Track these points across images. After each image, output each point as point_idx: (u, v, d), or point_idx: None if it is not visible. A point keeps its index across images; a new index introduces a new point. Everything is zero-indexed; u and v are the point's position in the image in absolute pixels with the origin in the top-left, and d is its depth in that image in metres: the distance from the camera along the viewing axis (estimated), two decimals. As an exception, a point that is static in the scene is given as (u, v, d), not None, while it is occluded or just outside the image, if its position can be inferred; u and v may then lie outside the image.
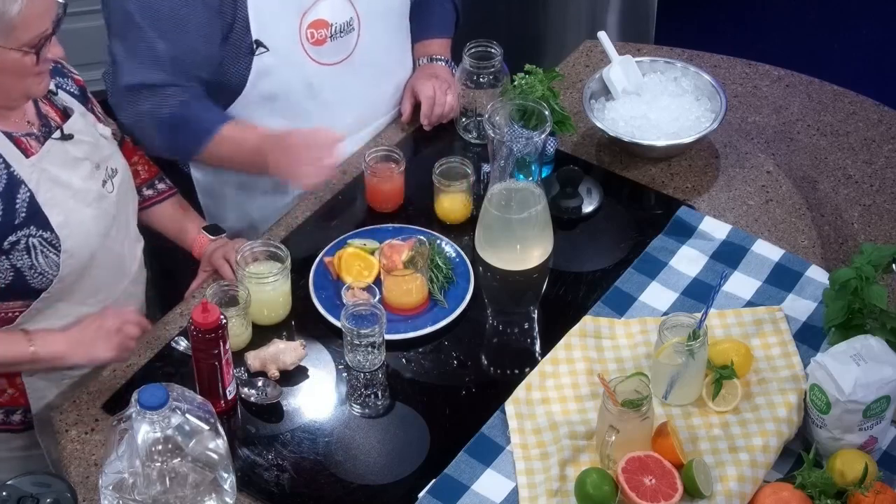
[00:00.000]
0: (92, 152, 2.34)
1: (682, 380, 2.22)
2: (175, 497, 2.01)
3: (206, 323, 2.19)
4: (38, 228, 2.22)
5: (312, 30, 2.59)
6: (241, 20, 2.53)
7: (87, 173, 2.32)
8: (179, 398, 2.01)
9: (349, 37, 2.64)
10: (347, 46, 2.65)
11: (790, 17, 4.81)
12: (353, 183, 2.72)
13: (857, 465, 2.09)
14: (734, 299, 2.45)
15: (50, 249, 2.24)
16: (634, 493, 2.06)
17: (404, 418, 2.29)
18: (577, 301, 2.48)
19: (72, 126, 2.32)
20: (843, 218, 2.75)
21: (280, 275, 2.39)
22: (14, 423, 2.45)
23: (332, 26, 2.61)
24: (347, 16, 2.62)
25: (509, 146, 2.22)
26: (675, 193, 2.69)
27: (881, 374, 2.12)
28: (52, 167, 2.26)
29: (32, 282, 2.26)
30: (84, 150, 2.32)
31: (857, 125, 2.97)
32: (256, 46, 2.55)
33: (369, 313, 2.33)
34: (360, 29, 2.65)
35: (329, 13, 2.60)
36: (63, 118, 2.33)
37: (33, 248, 2.23)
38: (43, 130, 2.28)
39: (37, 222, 2.22)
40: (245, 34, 2.54)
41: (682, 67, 2.87)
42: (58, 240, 2.25)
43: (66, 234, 2.26)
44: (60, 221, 2.25)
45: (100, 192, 2.33)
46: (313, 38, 2.60)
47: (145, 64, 2.51)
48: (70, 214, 2.27)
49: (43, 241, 2.23)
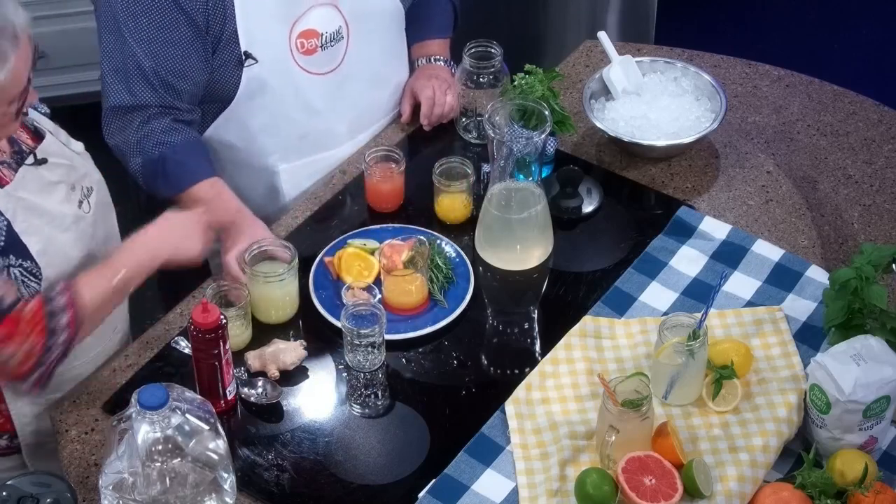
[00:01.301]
0: (67, 174, 2.29)
1: (682, 380, 2.22)
2: (175, 497, 2.01)
3: (206, 323, 2.19)
4: (17, 258, 2.18)
5: (303, 40, 2.58)
6: (229, 33, 2.52)
7: (63, 196, 2.27)
8: (179, 398, 2.01)
9: (338, 45, 2.64)
10: (337, 55, 2.65)
11: (790, 17, 4.81)
12: (353, 183, 2.72)
13: (857, 465, 2.09)
14: (734, 299, 2.45)
15: (31, 279, 2.20)
16: (634, 493, 2.06)
17: (404, 418, 2.29)
18: (577, 301, 2.48)
19: (45, 149, 2.27)
20: (843, 218, 2.75)
21: (287, 274, 2.39)
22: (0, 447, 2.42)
23: (322, 35, 2.60)
24: (336, 25, 2.62)
25: (509, 146, 2.22)
26: (675, 193, 2.69)
27: (881, 374, 2.12)
28: (28, 195, 2.21)
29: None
30: (59, 174, 2.28)
31: (857, 125, 2.97)
32: (245, 58, 2.55)
33: (369, 313, 2.33)
34: (348, 37, 2.65)
35: (318, 23, 2.59)
36: (34, 139, 2.28)
37: (14, 278, 2.18)
38: (15, 157, 2.23)
39: (16, 252, 2.18)
40: (234, 47, 2.53)
41: (682, 67, 2.87)
42: (38, 268, 2.20)
43: (46, 262, 2.21)
44: (39, 249, 2.20)
45: (76, 215, 2.29)
46: (303, 48, 2.59)
47: (134, 84, 2.50)
48: (48, 242, 2.22)
49: (24, 270, 2.19)
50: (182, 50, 2.49)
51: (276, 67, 2.58)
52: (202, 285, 2.53)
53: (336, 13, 2.61)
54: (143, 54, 2.48)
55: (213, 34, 2.51)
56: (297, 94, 2.63)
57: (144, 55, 2.48)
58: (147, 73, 2.49)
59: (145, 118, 2.52)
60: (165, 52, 2.49)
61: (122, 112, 2.53)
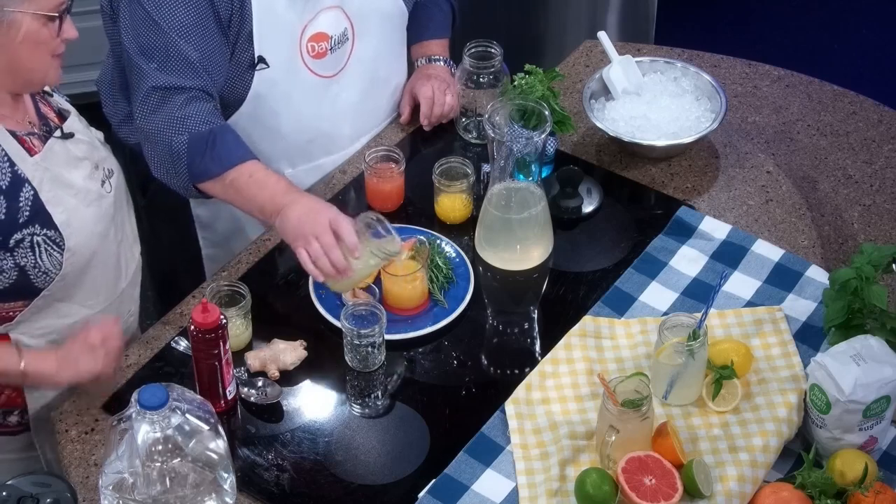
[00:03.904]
0: (90, 152, 2.35)
1: (682, 380, 2.22)
2: (175, 497, 2.01)
3: (206, 323, 2.19)
4: (41, 227, 2.23)
5: (313, 43, 2.58)
6: (245, 35, 2.51)
7: (88, 173, 2.32)
8: (179, 398, 2.01)
9: (344, 47, 2.64)
10: (342, 58, 2.65)
11: (790, 17, 4.81)
12: (353, 183, 2.72)
13: (857, 465, 2.09)
14: (734, 299, 2.45)
15: (54, 247, 2.25)
16: (634, 493, 2.06)
17: (404, 418, 2.30)
18: (577, 301, 2.48)
19: (71, 126, 2.33)
20: (843, 218, 2.75)
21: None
22: (11, 424, 2.44)
23: (331, 38, 2.60)
24: (342, 27, 2.62)
25: (509, 146, 2.22)
26: (675, 193, 2.69)
27: (881, 374, 2.12)
28: (55, 166, 2.26)
29: (35, 280, 2.26)
30: (83, 150, 2.33)
31: (857, 125, 2.97)
32: (258, 62, 2.54)
33: (369, 313, 2.33)
34: (353, 39, 2.64)
35: (328, 25, 2.59)
36: (60, 119, 2.34)
37: (37, 245, 2.23)
38: (43, 129, 2.29)
39: (40, 220, 2.22)
40: (248, 49, 2.53)
41: (682, 67, 2.87)
42: (61, 238, 2.25)
43: (69, 233, 2.26)
44: (63, 220, 2.25)
45: (99, 192, 2.34)
46: (314, 51, 2.58)
47: (174, 66, 2.46)
48: (72, 213, 2.27)
49: (47, 238, 2.23)
50: (212, 41, 2.48)
51: (286, 71, 2.58)
52: (202, 285, 2.54)
53: (342, 15, 2.61)
54: (179, 39, 2.45)
55: (233, 33, 2.51)
56: (305, 98, 2.63)
57: (181, 40, 2.45)
58: (187, 57, 2.46)
59: (188, 98, 2.48)
60: (200, 39, 2.46)
61: (163, 92, 2.47)
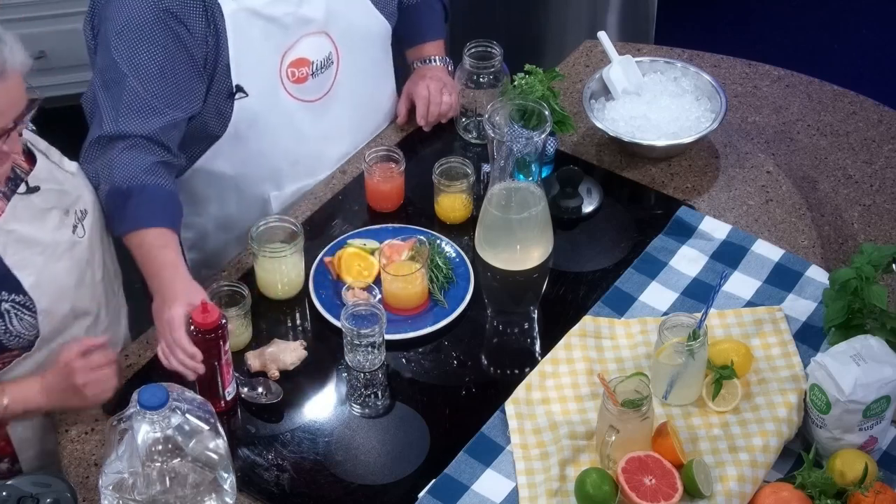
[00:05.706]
0: (59, 200, 2.23)
1: (682, 380, 2.22)
2: (175, 497, 2.01)
3: (206, 323, 2.19)
4: (9, 293, 2.15)
5: (293, 69, 2.57)
6: (222, 67, 2.49)
7: (56, 223, 2.22)
8: (179, 398, 2.01)
9: (328, 71, 2.63)
10: (327, 82, 2.64)
11: (790, 17, 4.81)
12: (353, 183, 2.72)
13: (857, 465, 2.09)
14: (734, 299, 2.45)
15: (24, 312, 2.17)
16: (634, 493, 2.06)
17: (404, 418, 2.29)
18: (577, 301, 2.48)
19: (37, 176, 2.20)
20: (843, 218, 2.75)
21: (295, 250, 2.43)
22: (2, 471, 2.37)
23: (312, 63, 2.59)
24: (326, 51, 2.61)
25: (509, 146, 2.22)
26: (675, 193, 2.69)
27: (881, 374, 2.12)
28: (20, 226, 2.16)
29: (10, 344, 2.18)
30: (51, 200, 2.21)
31: (857, 125, 2.97)
32: (236, 91, 2.52)
33: (369, 313, 2.33)
34: (338, 63, 2.64)
35: (309, 51, 2.58)
36: (28, 161, 2.21)
37: (6, 313, 2.15)
38: (9, 185, 2.16)
39: (7, 286, 2.14)
40: (226, 80, 2.51)
41: (682, 67, 2.87)
42: (31, 302, 2.17)
43: (39, 295, 2.18)
44: (32, 282, 2.17)
45: (71, 241, 2.24)
46: (294, 76, 2.57)
47: (125, 110, 2.40)
48: (41, 273, 2.18)
49: (16, 304, 2.15)
50: (178, 81, 2.44)
51: (266, 98, 2.56)
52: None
53: (327, 40, 2.60)
54: (137, 83, 2.40)
55: (210, 66, 2.49)
56: (288, 122, 2.62)
57: (139, 83, 2.40)
58: (142, 101, 2.41)
59: (126, 147, 2.40)
60: (162, 82, 2.42)
61: (107, 141, 2.41)
